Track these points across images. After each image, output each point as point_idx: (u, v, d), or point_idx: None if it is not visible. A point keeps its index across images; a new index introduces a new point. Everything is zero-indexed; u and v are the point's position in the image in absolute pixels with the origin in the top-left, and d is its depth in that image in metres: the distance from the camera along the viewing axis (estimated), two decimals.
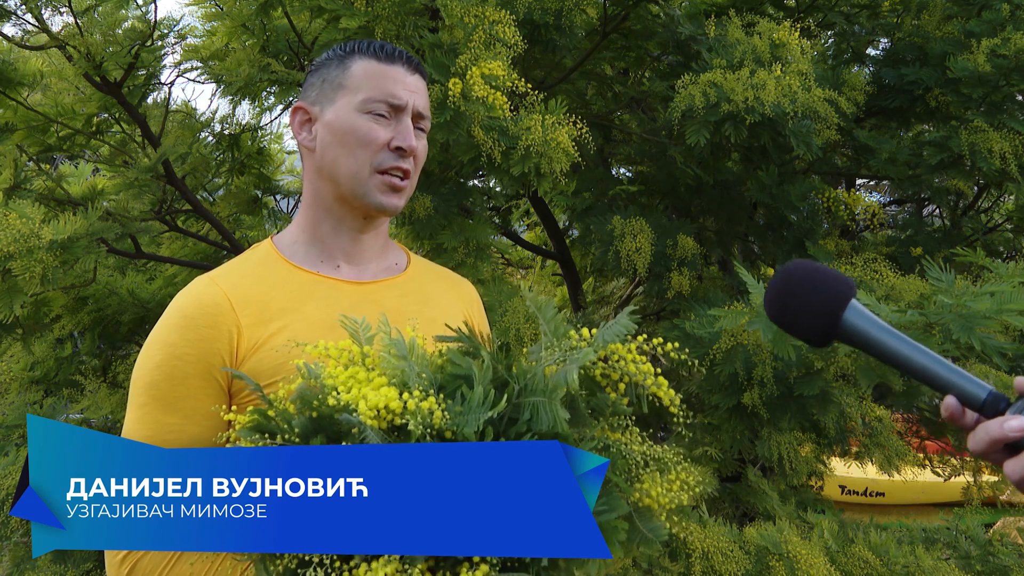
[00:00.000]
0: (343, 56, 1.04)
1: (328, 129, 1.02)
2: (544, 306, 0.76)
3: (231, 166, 3.34)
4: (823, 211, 3.13)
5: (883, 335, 0.69)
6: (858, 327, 0.70)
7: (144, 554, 0.87)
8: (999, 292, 1.42)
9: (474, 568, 0.62)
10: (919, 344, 0.68)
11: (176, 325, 0.94)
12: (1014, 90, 2.45)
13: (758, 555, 2.04)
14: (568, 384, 0.66)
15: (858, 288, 1.75)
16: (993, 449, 0.64)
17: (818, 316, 0.71)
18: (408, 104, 1.02)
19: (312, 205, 1.06)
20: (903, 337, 0.69)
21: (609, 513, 0.65)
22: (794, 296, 0.73)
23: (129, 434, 0.93)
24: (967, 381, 0.66)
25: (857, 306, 0.70)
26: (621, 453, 0.71)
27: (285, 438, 0.67)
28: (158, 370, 0.92)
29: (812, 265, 0.73)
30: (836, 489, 6.95)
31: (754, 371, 2.10)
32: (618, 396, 0.73)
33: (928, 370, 0.67)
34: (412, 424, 0.64)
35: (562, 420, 0.65)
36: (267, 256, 1.04)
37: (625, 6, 2.57)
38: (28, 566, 2.51)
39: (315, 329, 0.94)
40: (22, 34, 2.52)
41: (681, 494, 0.72)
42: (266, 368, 0.91)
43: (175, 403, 0.91)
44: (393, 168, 1.01)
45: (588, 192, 3.38)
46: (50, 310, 2.77)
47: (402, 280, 1.09)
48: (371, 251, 1.08)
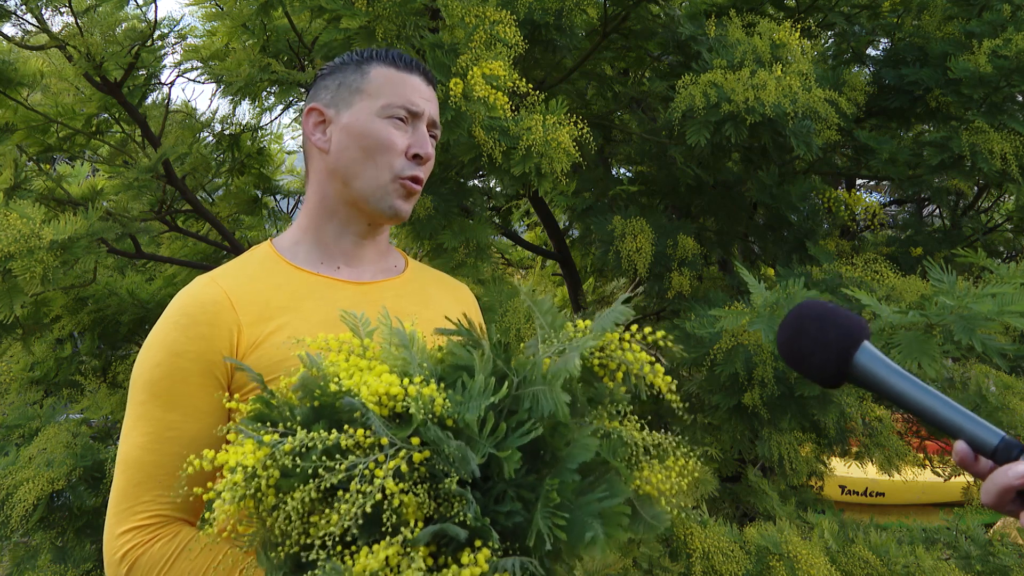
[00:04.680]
0: (360, 61, 1.05)
1: (346, 132, 1.03)
2: (539, 300, 0.76)
3: (231, 166, 3.34)
4: (823, 211, 3.13)
5: (895, 378, 0.67)
6: (870, 369, 0.68)
7: (144, 551, 0.88)
8: (1000, 294, 1.42)
9: (476, 552, 0.62)
10: (930, 388, 0.66)
11: (176, 323, 0.94)
12: (1015, 91, 2.45)
13: (758, 555, 2.04)
14: (570, 370, 0.66)
15: (859, 288, 1.75)
16: (1006, 499, 0.60)
17: (829, 357, 0.70)
18: (425, 112, 1.04)
19: (317, 207, 1.07)
20: (915, 380, 0.67)
21: (611, 499, 0.65)
22: (807, 335, 0.71)
23: (129, 432, 0.93)
24: (979, 427, 0.64)
25: (869, 348, 0.69)
26: (622, 440, 0.71)
27: (287, 426, 0.67)
28: (158, 368, 0.92)
29: (824, 305, 0.72)
30: (836, 489, 6.95)
31: (755, 371, 2.09)
32: (616, 385, 0.73)
33: (939, 414, 0.65)
34: (414, 408, 0.64)
35: (563, 405, 0.64)
36: (267, 257, 1.04)
37: (625, 6, 2.56)
38: (28, 566, 2.51)
39: (315, 328, 0.94)
40: (22, 34, 2.52)
41: (681, 480, 0.72)
42: (266, 365, 0.91)
43: (175, 401, 0.92)
44: (411, 176, 1.02)
45: (588, 192, 3.38)
46: (50, 310, 2.77)
47: (400, 281, 1.10)
48: (372, 255, 1.09)
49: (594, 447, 0.66)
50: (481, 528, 0.63)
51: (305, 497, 0.62)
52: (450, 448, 0.63)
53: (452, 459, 0.63)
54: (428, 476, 0.65)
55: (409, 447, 0.64)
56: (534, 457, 0.67)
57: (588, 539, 0.63)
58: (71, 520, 2.46)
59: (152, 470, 0.90)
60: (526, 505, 0.65)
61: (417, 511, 0.64)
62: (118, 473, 0.93)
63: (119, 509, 0.91)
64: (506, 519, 0.64)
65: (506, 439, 0.65)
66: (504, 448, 0.64)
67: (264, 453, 0.63)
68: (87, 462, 2.42)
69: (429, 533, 0.62)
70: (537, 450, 0.67)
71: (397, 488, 0.62)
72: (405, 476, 0.63)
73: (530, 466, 0.68)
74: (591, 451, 0.65)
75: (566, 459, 0.66)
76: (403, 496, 0.62)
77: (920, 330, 1.52)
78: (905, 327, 1.53)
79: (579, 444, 0.66)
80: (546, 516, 0.63)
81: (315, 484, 0.62)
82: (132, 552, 0.88)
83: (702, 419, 2.49)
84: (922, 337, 1.49)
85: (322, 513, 0.63)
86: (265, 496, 0.64)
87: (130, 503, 0.90)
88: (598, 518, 0.64)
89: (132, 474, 0.91)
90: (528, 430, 0.65)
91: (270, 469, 0.63)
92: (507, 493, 0.65)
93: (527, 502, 0.65)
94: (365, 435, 0.64)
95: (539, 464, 0.68)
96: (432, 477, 0.65)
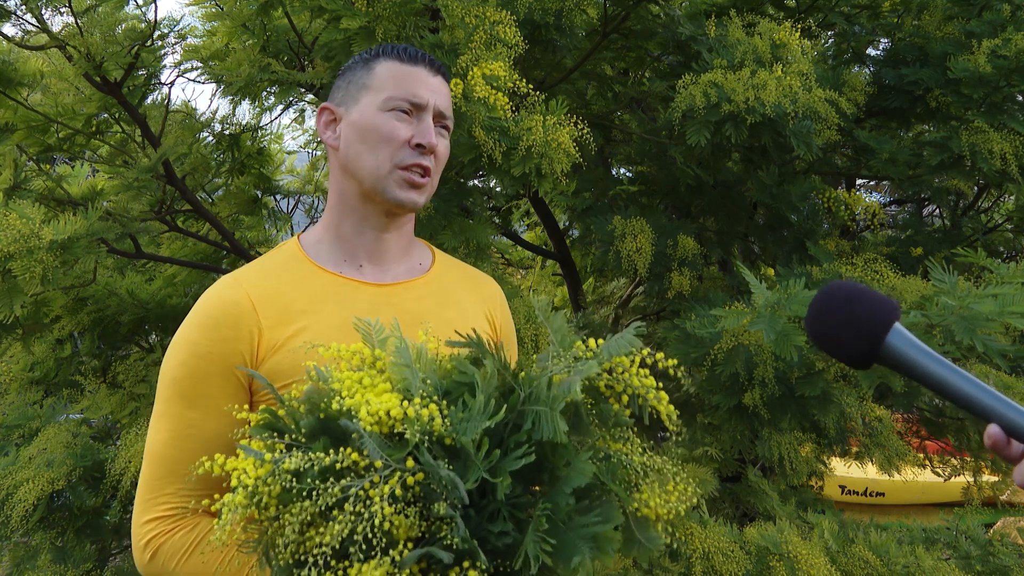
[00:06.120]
0: (368, 59, 1.07)
1: (352, 127, 1.04)
2: (552, 317, 0.78)
3: (231, 166, 3.34)
4: (823, 211, 3.13)
5: (927, 360, 0.67)
6: (901, 351, 0.68)
7: (166, 540, 0.92)
8: (1002, 294, 1.42)
9: (463, 573, 0.63)
10: (963, 371, 0.66)
11: (199, 324, 0.97)
12: (1014, 90, 2.45)
13: (758, 555, 2.03)
14: (571, 395, 0.67)
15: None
16: None
17: (861, 337, 0.69)
18: (430, 103, 1.05)
19: (337, 204, 1.08)
20: (947, 363, 0.66)
21: (603, 524, 0.66)
22: (837, 315, 0.70)
23: (154, 426, 0.97)
24: (1013, 411, 0.63)
25: (901, 330, 0.68)
26: (622, 463, 0.72)
27: (292, 437, 0.68)
28: (182, 367, 0.96)
29: (855, 286, 0.72)
30: (836, 489, 6.96)
31: (755, 371, 2.09)
32: (621, 407, 0.75)
33: (972, 398, 0.64)
34: (409, 432, 0.65)
35: (561, 431, 0.65)
36: (292, 256, 1.06)
37: (625, 6, 2.56)
38: (28, 566, 2.51)
39: (333, 332, 0.96)
40: (22, 34, 2.51)
41: (679, 505, 0.73)
42: (285, 369, 0.94)
43: (196, 400, 0.95)
44: (413, 165, 1.03)
45: (588, 192, 3.38)
46: (50, 310, 2.76)
47: (424, 281, 1.11)
48: (394, 250, 1.10)
49: (591, 472, 0.67)
50: (470, 550, 0.64)
51: (302, 514, 0.63)
52: (441, 475, 0.64)
53: (444, 483, 0.64)
54: (422, 496, 0.66)
55: (403, 469, 0.65)
56: (534, 472, 0.68)
57: (575, 563, 0.63)
58: (71, 520, 2.46)
59: (173, 465, 0.95)
60: (519, 525, 0.66)
61: (407, 531, 0.65)
62: (144, 464, 0.98)
63: (144, 499, 0.96)
64: (497, 539, 0.65)
65: (501, 462, 0.66)
66: (498, 472, 0.65)
67: (265, 471, 0.65)
68: (87, 462, 2.42)
69: (415, 556, 0.63)
70: (537, 466, 0.68)
71: (390, 511, 0.63)
72: (399, 498, 0.64)
73: (529, 481, 0.69)
74: (587, 476, 0.66)
75: (563, 481, 0.67)
76: (395, 517, 0.63)
77: (921, 330, 1.52)
78: (906, 327, 1.53)
79: (576, 468, 0.67)
80: (536, 540, 0.64)
81: (312, 503, 0.63)
82: (155, 540, 0.93)
83: (702, 419, 2.49)
84: (923, 337, 1.49)
85: (319, 527, 0.65)
86: (267, 506, 0.65)
87: (154, 494, 0.95)
88: (589, 542, 0.65)
89: (155, 467, 0.96)
90: (522, 454, 0.66)
91: (271, 485, 0.64)
92: (501, 512, 0.66)
93: (520, 522, 0.66)
94: (361, 457, 0.65)
95: (538, 481, 0.69)
96: (426, 496, 0.66)
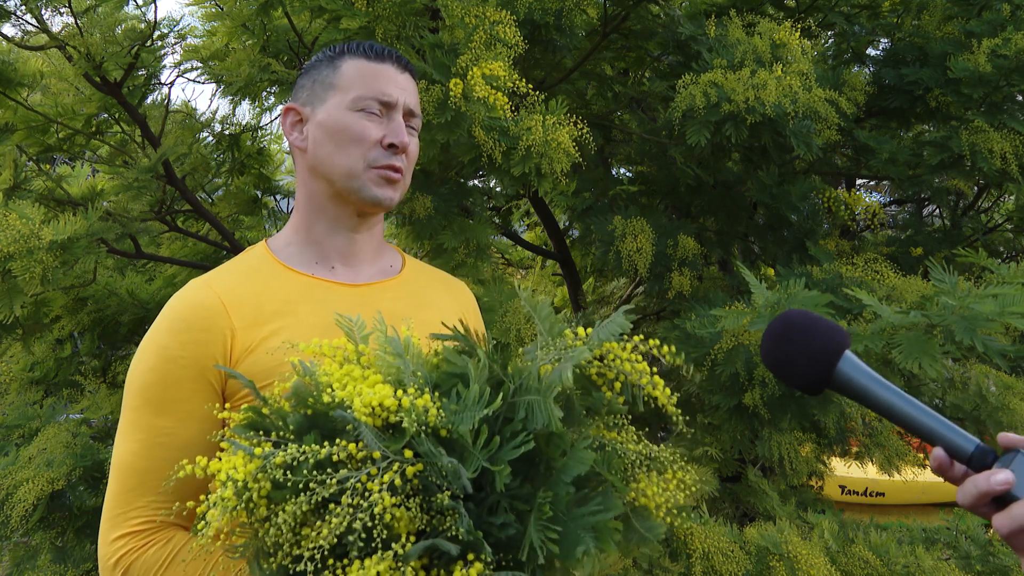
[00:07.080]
0: (333, 57, 1.05)
1: (320, 128, 1.02)
2: (539, 305, 0.76)
3: (231, 166, 3.34)
4: (823, 211, 3.13)
5: (875, 386, 0.70)
6: (851, 377, 0.71)
7: (137, 556, 0.87)
8: (1002, 294, 1.42)
9: (469, 566, 0.62)
10: (909, 396, 0.69)
11: (170, 328, 0.93)
12: (1014, 90, 2.45)
13: (758, 555, 2.03)
14: (563, 382, 0.66)
15: (859, 288, 1.75)
16: (981, 503, 0.65)
17: (812, 364, 0.72)
18: (399, 102, 1.03)
19: (306, 206, 1.06)
20: (894, 389, 0.70)
21: (604, 513, 0.65)
22: (792, 343, 0.74)
23: (122, 437, 0.92)
24: (955, 434, 0.67)
25: (851, 357, 0.71)
26: (617, 452, 0.71)
27: (279, 435, 0.66)
28: (151, 373, 0.91)
29: (808, 315, 0.75)
30: (836, 489, 6.95)
31: (755, 371, 2.09)
32: (614, 395, 0.73)
33: (917, 421, 0.68)
34: (406, 422, 0.64)
35: (556, 418, 0.64)
36: (261, 259, 1.03)
37: (625, 6, 2.56)
38: (28, 566, 2.51)
39: (309, 332, 0.93)
40: (22, 34, 2.52)
41: (678, 493, 0.72)
42: (260, 371, 0.90)
43: (168, 406, 0.91)
44: (386, 165, 1.01)
45: (588, 192, 3.38)
46: (50, 310, 2.76)
47: (397, 282, 1.09)
48: (366, 252, 1.08)
49: (590, 460, 0.65)
50: (474, 542, 0.62)
51: (296, 510, 0.61)
52: (443, 463, 0.62)
53: (445, 473, 0.63)
54: (421, 488, 0.64)
55: (402, 460, 0.63)
56: (530, 465, 0.67)
57: (580, 553, 0.62)
58: (71, 520, 2.46)
59: (144, 476, 0.90)
60: (520, 517, 0.64)
61: (409, 524, 0.63)
62: (112, 478, 0.92)
63: (113, 514, 0.90)
64: (499, 531, 0.64)
65: (499, 451, 0.65)
66: (497, 461, 0.64)
67: (255, 466, 0.62)
68: (87, 462, 2.42)
69: (421, 548, 0.62)
70: (533, 458, 0.67)
71: (391, 502, 0.61)
72: (398, 489, 0.62)
73: (526, 474, 0.67)
74: (587, 464, 0.65)
75: (561, 471, 0.65)
76: (395, 510, 0.62)
77: (921, 330, 1.52)
78: (906, 327, 1.53)
79: (575, 457, 0.66)
80: (539, 529, 0.62)
81: (307, 497, 0.61)
82: (126, 558, 0.88)
83: (702, 419, 2.49)
84: (923, 337, 1.49)
85: (314, 525, 0.63)
86: (256, 507, 0.63)
87: (123, 508, 0.90)
88: (591, 532, 0.64)
89: (125, 480, 0.90)
90: (520, 443, 0.64)
91: (261, 481, 0.62)
92: (500, 504, 0.65)
93: (521, 513, 0.65)
94: (357, 448, 0.63)
95: (534, 473, 0.67)
96: (425, 489, 0.64)
